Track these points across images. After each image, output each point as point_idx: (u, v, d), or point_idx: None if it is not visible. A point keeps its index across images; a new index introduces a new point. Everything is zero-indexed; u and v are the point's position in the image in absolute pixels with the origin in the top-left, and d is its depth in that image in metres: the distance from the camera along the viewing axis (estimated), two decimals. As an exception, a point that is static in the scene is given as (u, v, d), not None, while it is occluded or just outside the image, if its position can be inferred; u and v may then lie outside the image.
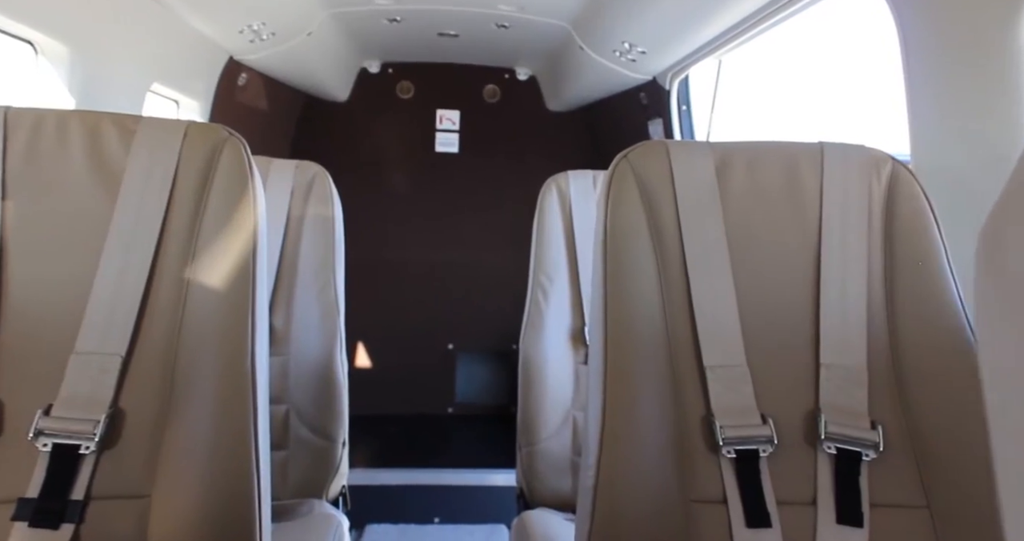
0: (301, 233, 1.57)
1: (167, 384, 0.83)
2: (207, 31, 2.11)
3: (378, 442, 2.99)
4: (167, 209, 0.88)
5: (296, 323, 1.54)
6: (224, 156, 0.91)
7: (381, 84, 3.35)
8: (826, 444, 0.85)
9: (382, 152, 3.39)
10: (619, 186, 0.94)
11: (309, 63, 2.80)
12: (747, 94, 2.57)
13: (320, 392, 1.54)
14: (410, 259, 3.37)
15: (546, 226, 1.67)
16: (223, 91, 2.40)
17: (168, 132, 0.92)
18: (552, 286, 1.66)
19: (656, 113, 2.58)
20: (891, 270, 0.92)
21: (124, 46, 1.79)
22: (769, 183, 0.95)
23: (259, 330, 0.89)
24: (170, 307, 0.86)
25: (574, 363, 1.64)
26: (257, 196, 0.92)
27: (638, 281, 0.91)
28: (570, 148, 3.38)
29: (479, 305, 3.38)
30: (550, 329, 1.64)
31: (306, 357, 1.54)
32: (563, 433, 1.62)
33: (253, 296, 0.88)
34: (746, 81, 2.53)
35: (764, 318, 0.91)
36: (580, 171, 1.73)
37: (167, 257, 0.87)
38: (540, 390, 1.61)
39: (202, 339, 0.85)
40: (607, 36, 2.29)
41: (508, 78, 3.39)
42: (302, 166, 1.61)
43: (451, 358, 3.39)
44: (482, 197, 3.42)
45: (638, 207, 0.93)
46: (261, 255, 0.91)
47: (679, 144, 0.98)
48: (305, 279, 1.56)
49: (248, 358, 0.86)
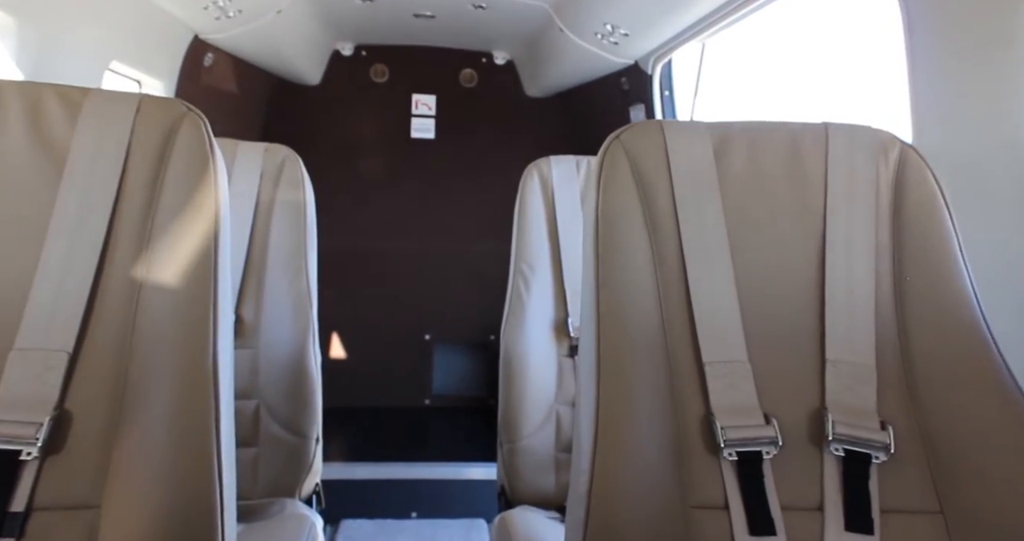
0: (271, 219, 1.49)
1: (120, 383, 0.75)
2: (169, 6, 2.00)
3: (353, 436, 2.92)
4: (118, 191, 0.80)
5: (266, 314, 1.46)
6: (182, 133, 0.83)
7: (355, 67, 3.25)
8: (833, 446, 0.80)
9: (356, 138, 3.29)
10: (611, 169, 0.88)
11: (279, 44, 2.69)
12: (730, 80, 2.53)
13: (292, 386, 1.47)
14: (385, 247, 3.29)
15: (528, 213, 1.61)
16: (188, 72, 2.29)
17: (119, 106, 0.84)
18: (534, 275, 1.60)
19: (638, 98, 2.52)
20: (899, 260, 0.87)
21: (79, 19, 1.68)
22: (770, 167, 0.90)
23: (222, 323, 0.81)
24: (123, 299, 0.78)
25: (557, 355, 1.59)
26: (219, 177, 0.84)
27: (632, 271, 0.85)
28: (549, 135, 3.32)
29: (456, 295, 3.31)
30: (532, 320, 1.58)
31: (277, 350, 1.47)
32: (546, 429, 1.57)
33: (215, 287, 0.80)
34: (729, 66, 2.48)
35: (765, 311, 0.86)
36: (562, 156, 1.67)
37: (119, 244, 0.79)
38: (522, 384, 1.55)
39: (159, 334, 0.78)
40: (589, 18, 2.22)
41: (485, 62, 3.31)
42: (271, 149, 1.53)
43: (428, 349, 3.32)
44: (459, 184, 3.34)
45: (632, 192, 0.87)
46: (224, 242, 0.83)
47: (675, 124, 0.92)
48: (275, 268, 1.48)
49: (210, 354, 0.79)
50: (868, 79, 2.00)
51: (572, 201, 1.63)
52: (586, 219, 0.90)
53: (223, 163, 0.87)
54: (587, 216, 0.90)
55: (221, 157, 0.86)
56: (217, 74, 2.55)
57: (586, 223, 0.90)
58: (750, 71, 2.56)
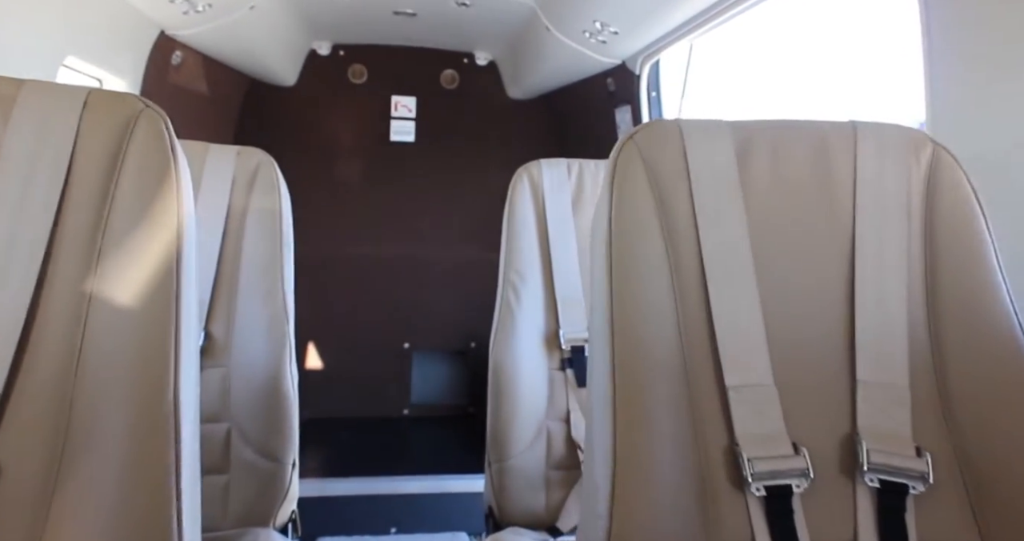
0: (244, 228, 1.38)
1: (60, 427, 0.65)
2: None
3: (329, 449, 2.81)
4: (61, 200, 0.70)
5: (239, 331, 1.35)
6: (139, 133, 0.73)
7: (332, 67, 3.14)
8: (868, 476, 0.72)
9: (333, 141, 3.19)
10: (625, 172, 0.80)
11: (253, 42, 2.57)
12: (716, 80, 2.47)
13: (266, 408, 1.36)
14: (363, 254, 3.19)
15: (517, 219, 1.53)
16: (154, 70, 2.17)
17: (62, 100, 0.73)
18: (524, 285, 1.51)
19: (624, 100, 2.45)
20: (932, 271, 0.80)
21: (28, 11, 1.56)
22: (796, 170, 0.83)
23: (185, 349, 0.71)
24: (66, 327, 0.67)
25: (548, 369, 1.51)
26: (182, 183, 0.74)
27: (648, 284, 0.77)
28: (532, 137, 3.24)
29: (436, 302, 3.22)
30: (522, 332, 1.49)
31: (250, 369, 1.36)
32: (536, 446, 1.48)
33: (177, 308, 0.70)
34: (715, 66, 2.42)
35: (791, 328, 0.79)
36: (553, 160, 1.58)
37: (62, 261, 0.69)
38: (512, 400, 1.46)
39: (109, 367, 0.67)
40: (576, 15, 2.15)
41: (467, 63, 3.22)
42: (245, 153, 1.42)
43: (406, 357, 3.22)
44: (439, 189, 3.25)
45: (647, 197, 0.79)
46: (188, 256, 0.73)
47: (695, 123, 0.84)
48: (249, 280, 1.37)
49: (170, 386, 0.68)
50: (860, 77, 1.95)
51: (563, 207, 1.54)
52: (596, 226, 0.83)
53: (186, 167, 0.77)
54: (597, 223, 0.82)
55: (184, 160, 0.76)
56: (186, 73, 2.43)
57: (596, 230, 0.82)
58: (736, 71, 2.51)
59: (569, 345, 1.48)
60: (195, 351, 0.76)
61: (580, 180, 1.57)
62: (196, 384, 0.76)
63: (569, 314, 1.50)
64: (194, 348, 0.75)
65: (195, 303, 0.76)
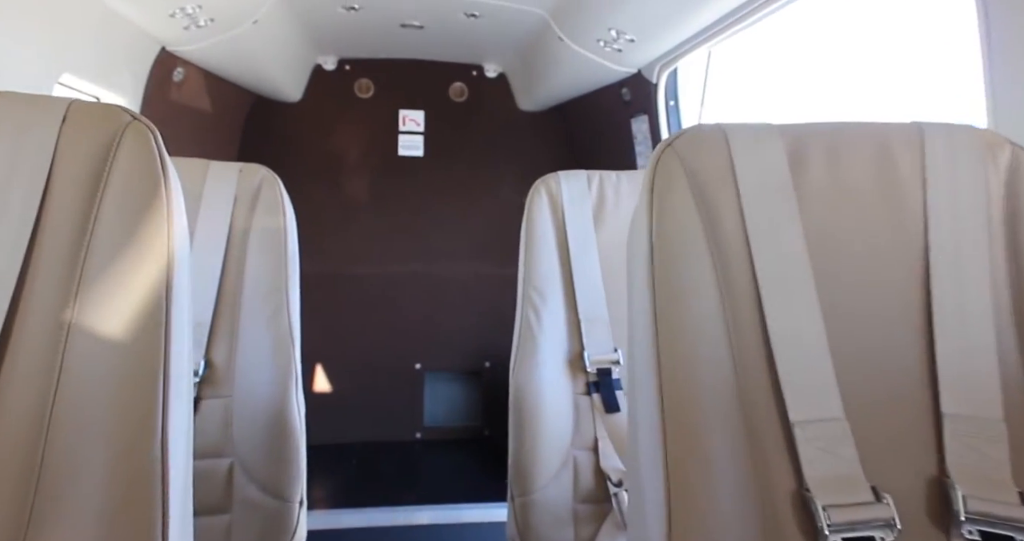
0: (246, 249, 1.30)
1: (31, 474, 0.57)
2: (131, 14, 1.82)
3: (338, 478, 2.71)
4: (37, 223, 0.62)
5: (242, 358, 1.27)
6: (125, 147, 0.66)
7: (338, 82, 3.08)
8: (966, 527, 0.62)
9: (340, 157, 3.12)
10: (665, 184, 0.72)
11: (257, 58, 2.51)
12: (735, 88, 2.39)
13: (272, 441, 1.27)
14: (372, 272, 3.10)
15: (536, 234, 1.44)
16: (155, 88, 2.10)
17: (38, 113, 0.66)
18: (545, 304, 1.42)
19: (641, 109, 2.37)
20: (1019, 286, 0.70)
21: (21, 25, 1.49)
22: (857, 177, 0.74)
23: (175, 388, 0.63)
24: (40, 363, 0.59)
25: (573, 394, 1.41)
26: (172, 202, 0.66)
27: (695, 305, 0.68)
28: (544, 150, 3.16)
29: (448, 321, 3.12)
30: (545, 354, 1.40)
31: (254, 399, 1.27)
32: (563, 477, 1.38)
33: (166, 342, 0.63)
34: (732, 73, 2.34)
35: (861, 353, 0.69)
36: (572, 171, 1.50)
37: (38, 291, 0.61)
38: (536, 427, 1.37)
39: (88, 407, 0.59)
40: (591, 24, 2.07)
41: (476, 75, 3.15)
42: (247, 170, 1.35)
43: (418, 379, 3.12)
44: (449, 204, 3.17)
45: (690, 210, 0.71)
46: (179, 283, 0.65)
47: (740, 128, 0.75)
48: (252, 304, 1.28)
49: (156, 431, 0.60)
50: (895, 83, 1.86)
51: (584, 221, 1.46)
52: (634, 241, 0.74)
53: (179, 186, 0.69)
54: (635, 238, 0.74)
55: (176, 179, 0.68)
56: (188, 90, 2.36)
57: (634, 246, 0.74)
58: (756, 78, 2.43)
59: (595, 367, 1.39)
60: (188, 388, 0.68)
61: (601, 192, 1.49)
62: (188, 425, 0.68)
63: (593, 334, 1.41)
64: (187, 385, 0.67)
65: (188, 335, 0.68)
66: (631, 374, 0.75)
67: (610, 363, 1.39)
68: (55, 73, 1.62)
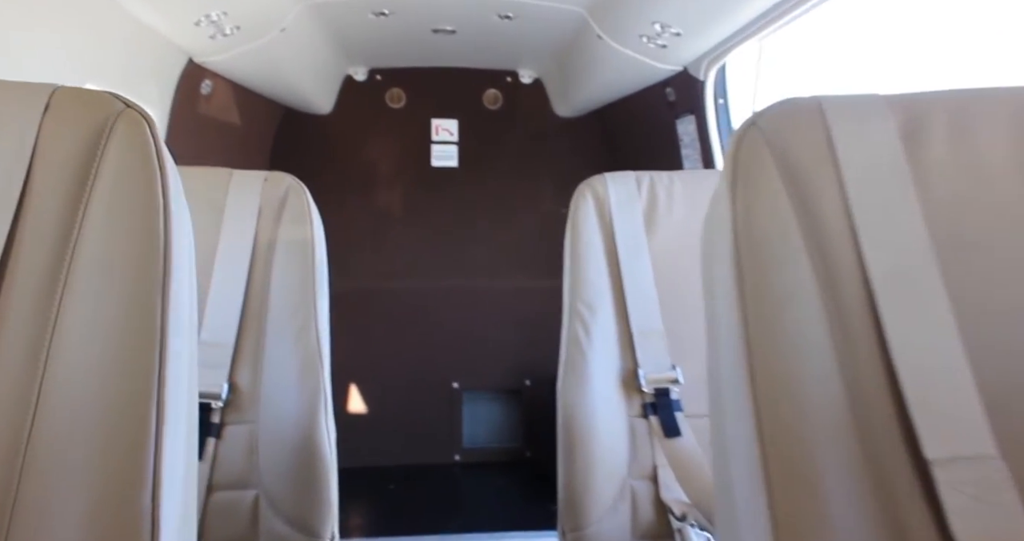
0: (272, 263, 1.21)
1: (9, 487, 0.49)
2: (155, 23, 1.76)
3: (372, 504, 2.59)
4: (15, 222, 0.54)
5: (267, 380, 1.18)
6: (116, 139, 0.57)
7: (369, 93, 3.01)
8: None
9: (372, 169, 3.04)
10: (750, 170, 0.59)
11: (285, 68, 2.45)
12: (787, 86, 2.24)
13: (300, 471, 1.17)
14: (406, 287, 3.01)
15: (582, 242, 1.33)
16: (183, 100, 2.04)
17: (16, 101, 0.57)
18: (594, 317, 1.30)
19: (687, 109, 2.24)
20: None
21: (44, 35, 1.43)
22: (991, 152, 0.60)
23: (172, 416, 0.53)
24: (13, 387, 0.51)
25: (628, 416, 1.28)
26: (171, 200, 0.57)
27: (793, 316, 0.56)
28: (583, 157, 3.04)
29: (486, 338, 3.01)
30: (595, 372, 1.28)
31: (281, 424, 1.18)
32: (619, 511, 1.25)
33: (161, 360, 0.54)
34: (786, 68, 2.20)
35: (1007, 372, 0.55)
36: (619, 173, 1.39)
37: (14, 300, 0.53)
38: (588, 454, 1.24)
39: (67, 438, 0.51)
40: (633, 19, 1.95)
41: (511, 81, 3.06)
42: (273, 179, 1.27)
43: (456, 398, 3.00)
44: (485, 215, 3.07)
45: (782, 201, 0.58)
46: (176, 292, 0.56)
47: (839, 101, 0.62)
48: (278, 322, 1.19)
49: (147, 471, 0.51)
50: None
51: (634, 225, 1.34)
52: (712, 240, 0.62)
53: (179, 181, 0.59)
54: (713, 237, 0.62)
55: (176, 174, 0.59)
56: (217, 103, 2.30)
57: (712, 246, 0.62)
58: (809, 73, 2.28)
59: (651, 386, 1.26)
60: (186, 414, 0.58)
61: (652, 194, 1.36)
62: (185, 462, 0.57)
63: (648, 349, 1.28)
64: (185, 411, 0.58)
65: (188, 351, 0.59)
66: (715, 397, 0.62)
67: (668, 382, 1.26)
68: (80, 83, 1.56)
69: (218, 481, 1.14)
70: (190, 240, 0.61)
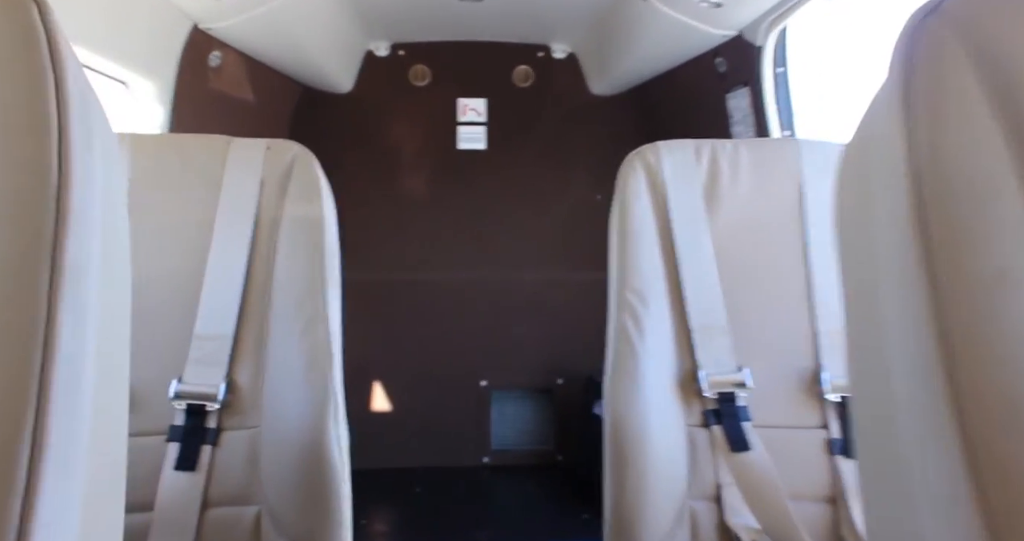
0: (276, 243, 1.07)
1: None
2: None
3: (396, 509, 2.44)
4: None
5: (271, 378, 1.03)
6: None
7: (391, 70, 2.84)
8: None
9: (394, 151, 2.89)
10: (940, 83, 0.41)
11: (301, 40, 2.28)
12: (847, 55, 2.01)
13: (306, 483, 1.03)
14: (430, 278, 2.86)
15: (631, 222, 1.15)
16: (189, 72, 1.88)
17: None
18: (646, 309, 1.13)
19: (739, 82, 2.02)
20: None
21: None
22: None
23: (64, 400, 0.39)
24: None
25: (686, 425, 1.10)
26: (70, 117, 0.41)
27: (1017, 302, 0.36)
28: (620, 139, 2.83)
29: (515, 332, 2.85)
30: (648, 373, 1.10)
31: (285, 429, 1.03)
32: (678, 537, 1.07)
33: (50, 313, 0.39)
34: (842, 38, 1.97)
35: None
36: (675, 141, 1.20)
37: None
38: (641, 468, 1.07)
39: None
40: (683, -26, 1.75)
41: (542, 57, 2.87)
42: (276, 147, 1.12)
43: (484, 397, 2.85)
44: (515, 201, 2.90)
45: (982, 116, 0.39)
46: (77, 265, 0.40)
47: None
48: (283, 311, 1.05)
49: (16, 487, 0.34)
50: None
51: (693, 202, 1.17)
52: (864, 185, 0.45)
53: (77, 63, 0.43)
54: (871, 177, 0.45)
55: (72, 53, 0.43)
56: (228, 78, 2.14)
57: (864, 194, 0.45)
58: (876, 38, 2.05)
59: (714, 391, 1.09)
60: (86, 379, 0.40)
61: (714, 165, 1.18)
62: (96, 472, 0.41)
63: (710, 348, 1.11)
64: (87, 413, 0.40)
65: (91, 305, 0.42)
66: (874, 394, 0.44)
67: (734, 386, 1.09)
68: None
69: (215, 496, 0.99)
70: (114, 189, 0.43)
